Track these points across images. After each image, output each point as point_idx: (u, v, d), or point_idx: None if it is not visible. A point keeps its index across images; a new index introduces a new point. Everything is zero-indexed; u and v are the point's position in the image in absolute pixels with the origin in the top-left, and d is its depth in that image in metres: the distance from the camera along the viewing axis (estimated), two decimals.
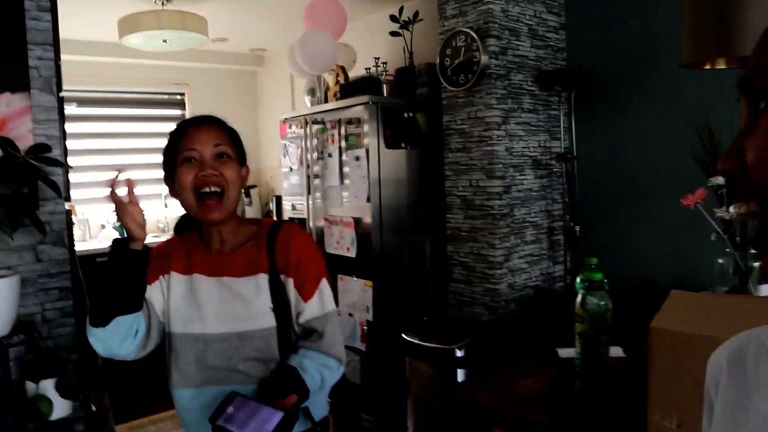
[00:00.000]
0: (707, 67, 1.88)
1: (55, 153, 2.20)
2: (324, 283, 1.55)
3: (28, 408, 1.95)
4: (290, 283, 1.51)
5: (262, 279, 1.50)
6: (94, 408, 2.38)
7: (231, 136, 1.54)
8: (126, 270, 1.38)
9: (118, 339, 1.42)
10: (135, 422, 4.02)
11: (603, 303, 1.68)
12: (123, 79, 5.19)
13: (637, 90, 3.02)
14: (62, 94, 2.37)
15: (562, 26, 3.34)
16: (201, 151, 1.45)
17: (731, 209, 1.95)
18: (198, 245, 1.55)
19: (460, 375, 2.80)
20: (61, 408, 2.05)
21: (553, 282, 3.33)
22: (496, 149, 3.03)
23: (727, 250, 2.04)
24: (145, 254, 1.41)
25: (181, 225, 1.63)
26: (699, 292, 2.08)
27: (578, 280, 1.74)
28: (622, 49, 3.07)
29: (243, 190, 1.60)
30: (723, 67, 1.87)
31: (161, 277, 1.53)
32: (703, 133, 2.19)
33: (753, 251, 1.98)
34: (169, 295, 1.52)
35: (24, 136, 2.18)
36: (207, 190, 1.44)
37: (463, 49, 3.12)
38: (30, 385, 2.02)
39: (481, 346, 2.80)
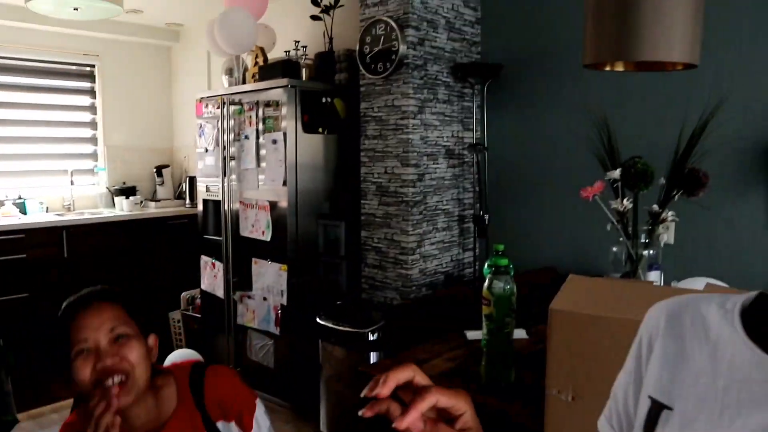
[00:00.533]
0: (607, 68, 2.01)
1: None
2: (259, 412, 1.48)
3: None
4: (232, 428, 1.43)
5: None
6: None
7: (127, 309, 1.35)
8: None
9: None
10: (35, 410, 3.88)
11: (508, 287, 1.77)
12: (28, 46, 4.92)
13: (545, 85, 3.16)
14: None
15: (477, 20, 3.44)
16: (95, 339, 1.26)
17: (625, 201, 2.09)
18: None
19: (373, 358, 2.88)
20: None
21: (462, 268, 3.45)
22: (411, 138, 3.11)
23: (621, 239, 2.18)
24: None
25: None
26: (595, 277, 2.22)
27: (486, 265, 1.82)
28: (532, 46, 3.20)
29: (151, 357, 1.36)
30: (621, 69, 2.00)
31: None
32: (602, 130, 2.32)
33: (643, 240, 2.14)
34: None
35: None
36: (110, 382, 1.24)
37: (382, 37, 3.16)
38: None
39: (393, 330, 2.88)
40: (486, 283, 1.79)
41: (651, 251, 2.12)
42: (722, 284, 2.10)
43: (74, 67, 5.26)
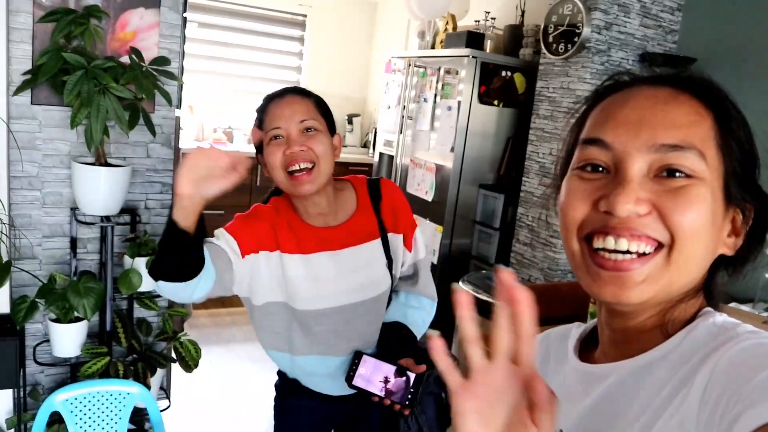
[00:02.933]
0: None
1: (174, 66, 2.49)
2: (418, 232, 1.63)
3: (123, 278, 2.33)
4: (399, 240, 1.57)
5: (377, 244, 1.54)
6: None
7: (318, 106, 1.48)
8: (178, 249, 1.26)
9: (167, 293, 1.37)
10: (214, 310, 4.49)
11: None
12: None
13: (740, 84, 2.95)
14: (186, 14, 2.65)
15: (679, 7, 3.26)
16: (286, 128, 1.40)
17: None
18: (295, 220, 1.51)
19: None
20: (148, 283, 2.43)
21: None
22: None
23: None
24: (195, 236, 1.25)
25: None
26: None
27: None
28: (735, 41, 2.98)
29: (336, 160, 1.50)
30: None
31: (264, 252, 1.47)
32: None
33: None
34: (285, 273, 1.48)
35: (150, 48, 2.48)
36: (297, 167, 1.39)
37: (568, 17, 3.14)
38: (127, 260, 2.39)
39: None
40: None
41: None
42: None
43: (289, 16, 5.74)
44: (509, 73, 3.64)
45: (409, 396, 1.41)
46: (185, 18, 2.62)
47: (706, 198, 0.62)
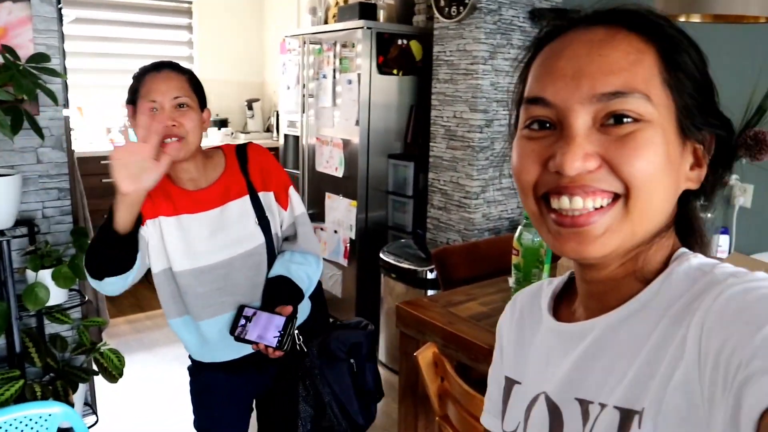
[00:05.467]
0: (682, 19, 1.93)
1: (54, 63, 2.33)
2: (292, 190, 1.72)
3: (27, 293, 2.18)
4: (271, 197, 1.66)
5: (245, 201, 1.63)
6: (88, 297, 2.62)
7: (191, 83, 1.58)
8: (115, 247, 1.43)
9: (112, 290, 1.53)
10: (132, 316, 4.31)
11: (537, 239, 1.85)
12: None
13: None
14: (61, 5, 2.47)
15: None
16: (161, 102, 1.50)
17: None
18: (170, 186, 1.61)
19: (430, 295, 3.02)
20: (57, 295, 2.29)
21: None
22: (481, 83, 3.13)
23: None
24: (131, 235, 1.43)
25: None
26: None
27: (524, 214, 1.90)
28: None
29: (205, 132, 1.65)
30: (698, 20, 1.93)
31: (149, 221, 1.58)
32: None
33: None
34: (163, 237, 1.58)
35: (25, 45, 2.30)
36: (168, 140, 1.50)
37: None
38: (30, 274, 2.24)
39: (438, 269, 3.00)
40: (516, 234, 1.87)
41: (709, 214, 2.11)
42: None
43: (173, 4, 5.51)
44: (405, 41, 3.63)
45: (278, 338, 1.52)
46: (60, 10, 2.45)
47: (656, 140, 0.60)
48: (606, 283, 0.68)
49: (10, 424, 1.92)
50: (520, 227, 1.86)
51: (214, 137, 5.36)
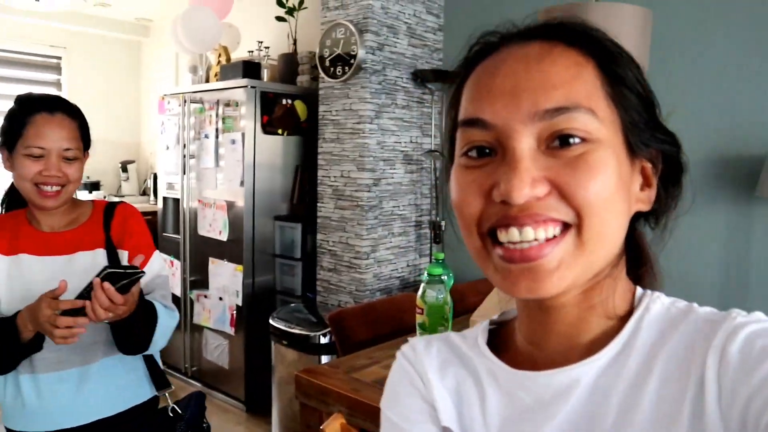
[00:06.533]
0: None
1: None
2: (155, 255, 1.63)
3: None
4: (125, 256, 1.56)
5: (98, 254, 1.53)
6: None
7: (81, 129, 1.52)
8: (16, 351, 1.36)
9: None
10: None
11: (441, 296, 1.80)
12: None
13: None
14: None
15: (440, 27, 3.45)
16: (49, 150, 1.42)
17: None
18: (24, 224, 1.52)
19: (324, 361, 2.88)
20: None
21: (419, 273, 3.46)
22: (368, 142, 3.12)
23: None
24: (36, 344, 1.37)
25: (7, 201, 1.60)
26: None
27: (424, 273, 1.85)
28: None
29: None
30: None
31: None
32: None
33: None
34: None
35: None
36: (48, 188, 1.43)
37: (342, 41, 3.17)
38: None
39: (344, 334, 2.89)
40: (419, 292, 1.81)
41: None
42: None
43: (40, 59, 5.21)
44: (290, 101, 3.58)
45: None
46: None
47: (609, 161, 0.55)
48: (569, 321, 0.61)
49: None
50: (423, 285, 1.81)
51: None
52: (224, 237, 3.54)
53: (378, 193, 3.19)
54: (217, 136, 3.58)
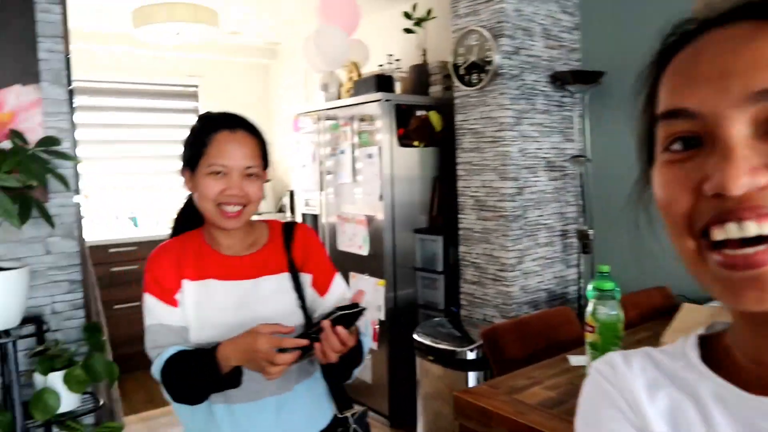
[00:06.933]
0: None
1: (65, 146, 2.21)
2: (337, 277, 1.58)
3: (36, 401, 1.97)
4: (308, 280, 1.52)
5: (283, 278, 1.49)
6: (102, 401, 2.40)
7: (261, 147, 1.48)
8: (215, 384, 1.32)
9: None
10: (146, 413, 4.05)
11: (614, 313, 1.67)
12: (136, 69, 5.20)
13: None
14: (72, 86, 2.37)
15: (576, 26, 3.30)
16: (231, 168, 1.39)
17: None
18: (204, 247, 1.49)
19: (471, 378, 2.80)
20: (69, 401, 2.08)
21: (566, 285, 3.31)
22: (509, 150, 3.01)
23: None
24: (235, 379, 1.32)
25: (180, 224, 1.58)
26: (710, 304, 2.06)
27: (590, 288, 1.73)
28: (637, 49, 3.01)
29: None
30: None
31: (179, 289, 1.44)
32: None
33: None
34: (185, 304, 1.43)
35: (34, 129, 2.19)
36: (230, 209, 1.40)
37: (476, 48, 3.09)
38: (38, 378, 2.04)
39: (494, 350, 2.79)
40: (590, 308, 1.69)
41: None
42: None
43: (179, 88, 5.50)
44: (424, 112, 3.55)
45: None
46: (71, 91, 2.34)
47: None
48: None
49: None
50: (592, 301, 1.69)
51: None
52: (365, 251, 3.54)
53: (522, 202, 3.08)
54: (353, 151, 3.60)
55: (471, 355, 2.84)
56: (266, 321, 1.40)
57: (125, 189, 5.19)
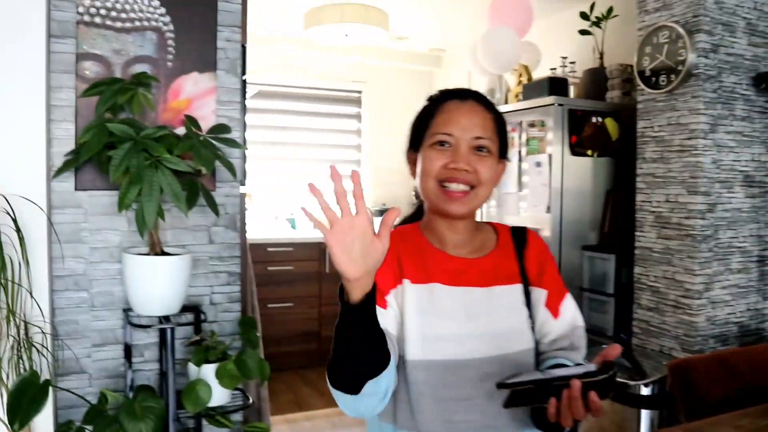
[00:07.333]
0: None
1: (235, 135, 2.19)
2: (569, 298, 1.32)
3: (188, 391, 1.93)
4: (542, 296, 1.29)
5: (516, 290, 1.28)
6: (252, 399, 2.34)
7: (496, 123, 1.28)
8: (358, 331, 1.01)
9: (370, 406, 1.09)
10: (291, 416, 4.04)
11: None
12: (301, 74, 5.30)
13: None
14: (245, 77, 2.36)
15: None
16: (458, 138, 1.22)
17: None
18: (426, 245, 1.28)
19: (644, 417, 2.45)
20: (219, 395, 2.02)
21: (762, 320, 2.85)
22: (701, 161, 2.64)
23: None
24: (369, 307, 0.99)
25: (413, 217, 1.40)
26: None
27: None
28: None
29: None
30: None
31: (393, 289, 1.21)
32: None
33: None
34: (403, 309, 1.20)
35: (207, 116, 2.18)
36: (453, 186, 1.21)
37: (665, 46, 2.76)
38: (192, 368, 2.01)
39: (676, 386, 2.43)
40: None
41: None
42: None
43: (344, 94, 5.55)
44: (600, 119, 3.24)
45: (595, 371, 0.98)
46: (245, 81, 2.33)
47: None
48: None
49: None
50: None
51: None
52: None
53: (713, 220, 2.68)
54: (519, 160, 3.37)
55: (645, 391, 2.50)
56: (501, 337, 1.22)
57: (286, 190, 5.29)
